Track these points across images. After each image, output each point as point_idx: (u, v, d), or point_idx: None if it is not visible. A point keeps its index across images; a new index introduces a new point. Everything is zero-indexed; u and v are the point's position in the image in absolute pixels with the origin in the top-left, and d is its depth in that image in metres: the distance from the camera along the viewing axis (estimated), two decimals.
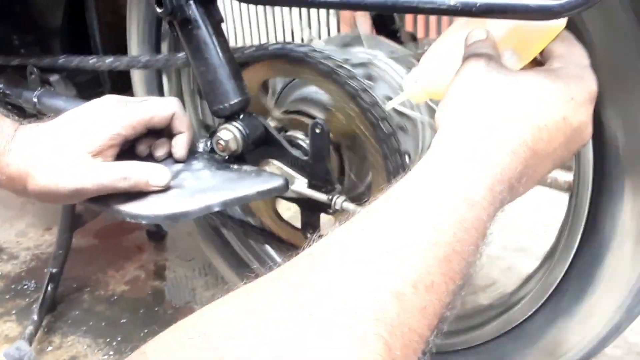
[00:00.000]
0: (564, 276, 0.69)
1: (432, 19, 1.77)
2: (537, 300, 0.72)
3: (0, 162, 0.65)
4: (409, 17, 1.68)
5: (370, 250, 0.37)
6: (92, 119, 0.66)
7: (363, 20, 0.94)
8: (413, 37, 0.99)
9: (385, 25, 0.95)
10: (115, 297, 1.28)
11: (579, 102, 0.47)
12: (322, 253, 0.38)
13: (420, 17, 1.75)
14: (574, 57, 0.50)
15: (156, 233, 1.48)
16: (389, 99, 0.70)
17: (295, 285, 0.35)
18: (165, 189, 0.66)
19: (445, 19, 1.65)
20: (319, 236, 0.40)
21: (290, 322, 0.33)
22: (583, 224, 0.65)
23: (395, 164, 0.69)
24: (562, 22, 0.49)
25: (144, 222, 0.64)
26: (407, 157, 0.74)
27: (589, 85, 0.49)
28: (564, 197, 0.71)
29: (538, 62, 0.52)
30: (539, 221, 1.39)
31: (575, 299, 0.68)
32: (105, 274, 1.36)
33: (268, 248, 1.04)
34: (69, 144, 0.64)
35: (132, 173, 0.64)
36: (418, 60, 0.59)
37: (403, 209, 0.40)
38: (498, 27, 0.52)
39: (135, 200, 0.65)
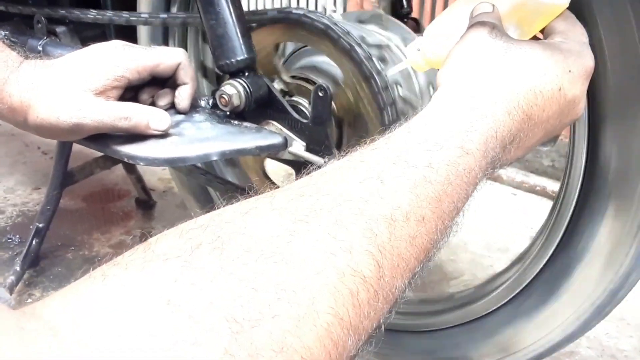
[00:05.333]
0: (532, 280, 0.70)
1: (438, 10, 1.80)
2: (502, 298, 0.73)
3: (3, 92, 0.65)
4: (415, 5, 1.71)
5: (367, 178, 0.38)
6: (98, 59, 0.67)
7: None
8: (417, 24, 1.01)
9: (394, 8, 0.96)
10: (99, 259, 1.25)
11: (575, 76, 0.48)
12: (319, 176, 0.39)
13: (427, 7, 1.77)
14: (574, 34, 0.51)
15: (145, 202, 1.48)
16: None
17: (289, 201, 0.36)
18: (165, 135, 0.66)
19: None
20: (319, 167, 0.41)
21: (282, 228, 0.34)
22: (561, 234, 0.66)
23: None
24: (566, 1, 0.51)
25: (141, 163, 0.64)
26: None
27: (587, 61, 0.50)
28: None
29: (538, 39, 0.54)
30: (524, 224, 1.41)
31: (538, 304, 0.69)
32: (90, 236, 1.35)
33: None
34: (73, 80, 0.65)
35: (133, 114, 0.65)
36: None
37: (401, 148, 0.41)
38: (503, 2, 0.53)
39: (134, 143, 0.65)
